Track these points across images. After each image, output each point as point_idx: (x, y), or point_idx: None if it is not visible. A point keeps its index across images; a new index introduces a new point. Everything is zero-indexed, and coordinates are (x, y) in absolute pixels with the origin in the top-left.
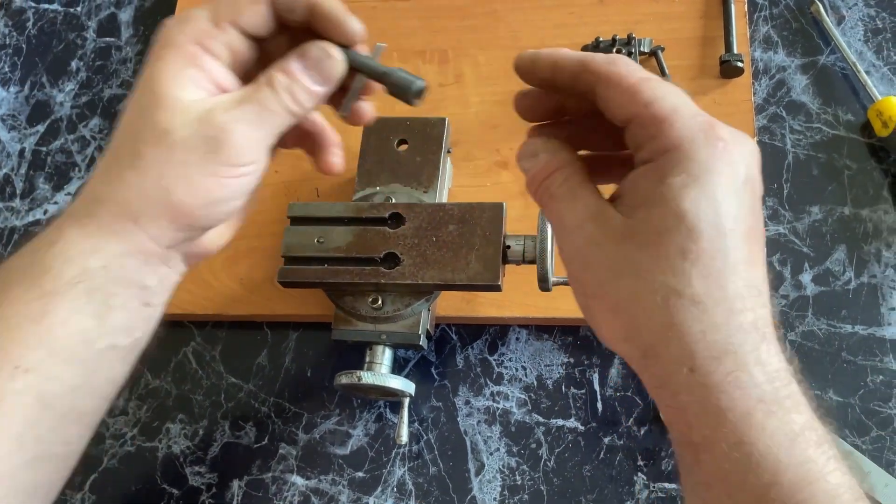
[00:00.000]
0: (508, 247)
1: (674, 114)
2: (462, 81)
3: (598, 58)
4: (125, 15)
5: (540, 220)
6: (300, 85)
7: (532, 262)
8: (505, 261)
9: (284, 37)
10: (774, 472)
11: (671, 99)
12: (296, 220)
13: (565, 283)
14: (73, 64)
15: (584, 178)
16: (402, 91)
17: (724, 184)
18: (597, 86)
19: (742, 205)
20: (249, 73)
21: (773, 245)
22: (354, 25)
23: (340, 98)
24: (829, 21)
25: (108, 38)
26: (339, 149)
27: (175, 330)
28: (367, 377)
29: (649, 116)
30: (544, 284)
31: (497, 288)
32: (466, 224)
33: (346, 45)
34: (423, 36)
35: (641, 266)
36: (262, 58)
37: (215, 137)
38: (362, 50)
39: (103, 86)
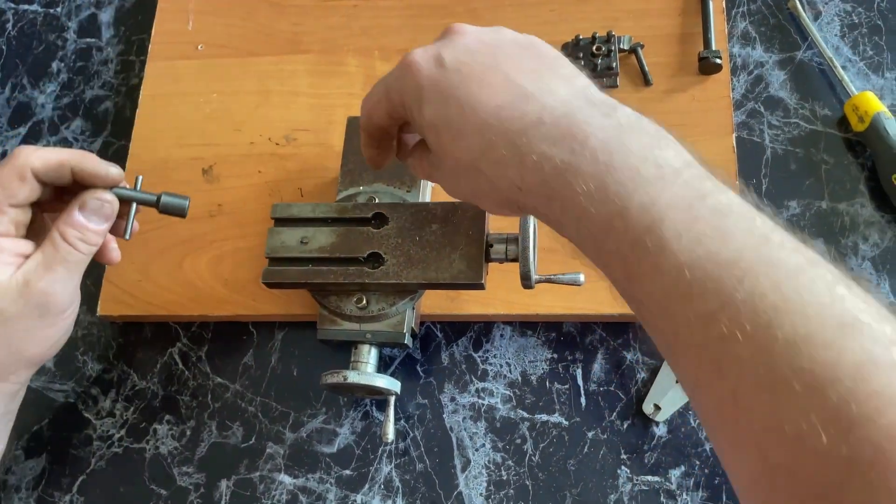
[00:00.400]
0: (491, 246)
1: (387, 87)
2: None
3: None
4: (105, 15)
5: (522, 220)
6: (89, 231)
7: (515, 260)
8: (488, 259)
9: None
10: (620, 212)
11: (382, 81)
12: (279, 221)
13: (548, 281)
14: (54, 65)
15: (424, 148)
16: (176, 213)
17: (435, 78)
18: (368, 126)
19: (463, 66)
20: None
21: None
22: (114, 172)
23: (121, 224)
24: (805, 17)
25: (88, 39)
26: (116, 243)
27: (161, 331)
28: (352, 376)
29: (386, 108)
30: (527, 282)
31: (480, 286)
32: (449, 224)
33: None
34: (406, 34)
35: (456, 169)
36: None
37: (41, 303)
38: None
39: (84, 87)
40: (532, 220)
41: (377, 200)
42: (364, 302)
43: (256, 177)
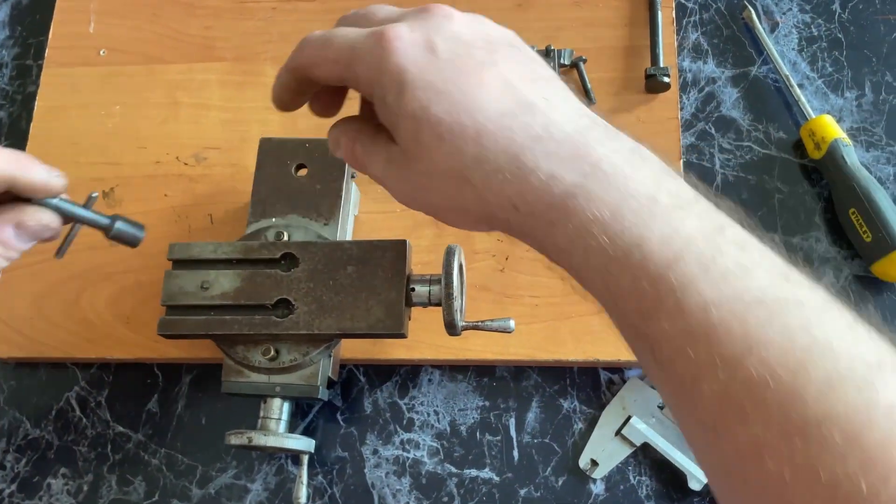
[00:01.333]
0: (413, 289)
1: (353, 52)
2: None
3: (292, 54)
4: (0, 13)
5: (445, 258)
6: (14, 249)
7: (439, 304)
8: (409, 304)
9: None
10: (609, 244)
11: (347, 41)
12: (177, 263)
13: (476, 328)
14: None
15: (374, 134)
16: (127, 243)
17: (424, 65)
18: (308, 76)
19: (459, 59)
20: None
21: None
22: (56, 183)
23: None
24: (761, 29)
25: None
26: None
27: (57, 373)
28: (258, 438)
29: (343, 71)
30: (452, 331)
31: (401, 335)
32: (367, 265)
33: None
34: None
35: (430, 171)
36: None
37: None
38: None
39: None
40: (457, 258)
41: (287, 237)
42: (273, 353)
43: (162, 201)
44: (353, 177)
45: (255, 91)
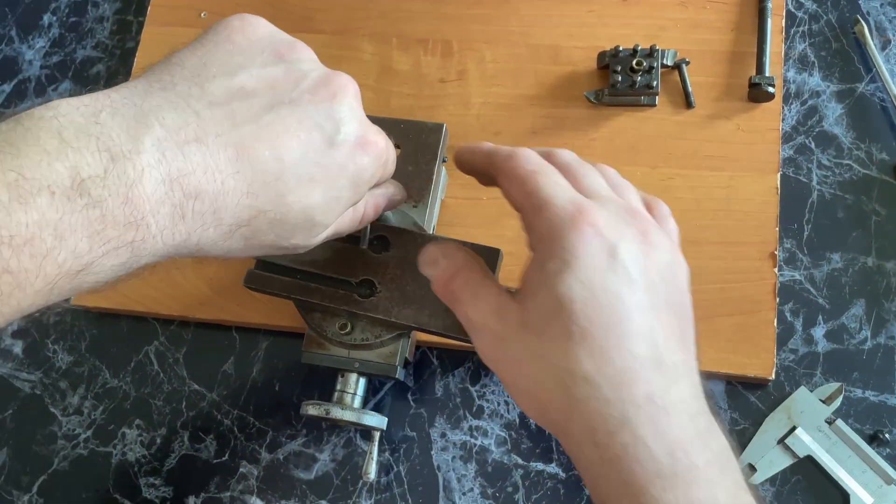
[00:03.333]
0: None
1: (547, 203)
2: (465, 79)
3: (502, 151)
4: None
5: None
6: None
7: None
8: None
9: None
10: None
11: (549, 189)
12: None
13: None
14: (46, 18)
15: (483, 276)
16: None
17: (596, 264)
18: (497, 177)
19: (622, 281)
20: None
21: (787, 293)
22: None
23: None
24: (872, 45)
25: None
26: None
27: (138, 326)
28: (335, 412)
29: (529, 206)
30: None
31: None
32: None
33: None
34: (429, 22)
35: (538, 352)
36: None
37: None
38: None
39: (76, 46)
40: None
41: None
42: (349, 328)
43: None
44: (444, 161)
45: (351, 66)
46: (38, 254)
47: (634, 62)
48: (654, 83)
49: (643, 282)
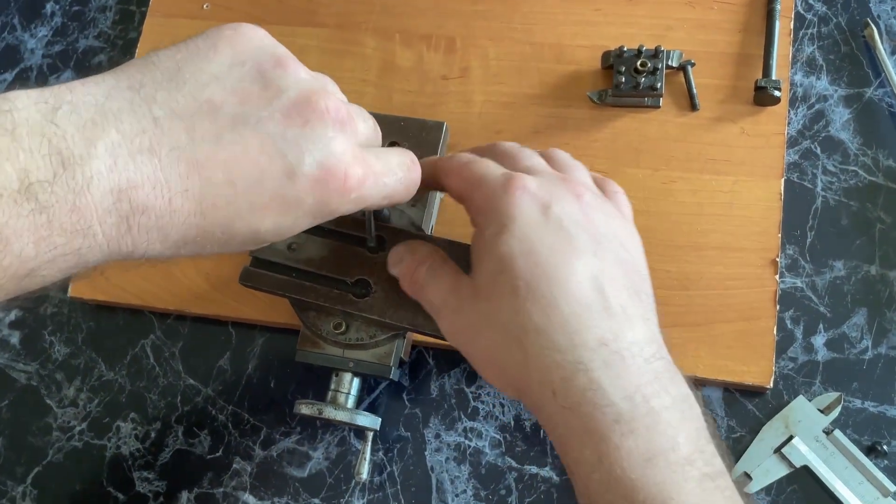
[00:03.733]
0: None
1: (482, 179)
2: (468, 76)
3: (443, 157)
4: None
5: None
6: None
7: None
8: None
9: None
10: (630, 490)
11: (483, 169)
12: None
13: None
14: (49, 7)
15: (443, 261)
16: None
17: (529, 221)
18: (441, 179)
19: (558, 233)
20: None
21: (788, 300)
22: None
23: None
24: (882, 49)
25: None
26: None
27: (135, 319)
28: (328, 412)
29: (467, 189)
30: None
31: None
32: None
33: None
34: (432, 18)
35: (490, 316)
36: None
37: None
38: None
39: (79, 35)
40: None
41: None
42: (343, 328)
43: None
44: None
45: (354, 61)
46: None
47: (639, 63)
48: (659, 85)
49: (583, 235)
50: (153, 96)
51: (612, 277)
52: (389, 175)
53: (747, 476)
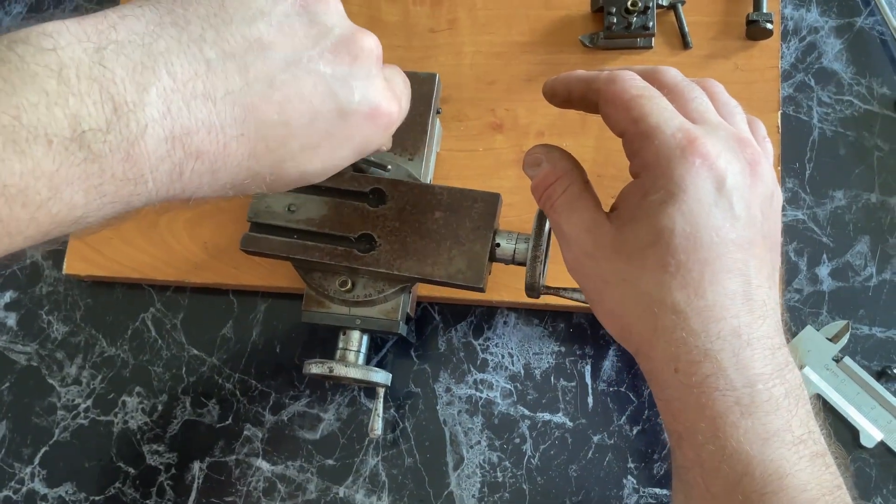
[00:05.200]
0: (498, 245)
1: (655, 130)
2: (456, 28)
3: (601, 76)
4: None
5: (537, 220)
6: None
7: (522, 264)
8: (492, 259)
9: None
10: (746, 464)
11: (657, 115)
12: None
13: (556, 294)
14: None
15: (582, 188)
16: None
17: (701, 199)
18: (598, 103)
19: (726, 216)
20: None
21: (790, 232)
22: None
23: None
24: None
25: None
26: None
27: (133, 293)
28: (338, 369)
29: (635, 133)
30: (532, 293)
31: (480, 289)
32: (455, 213)
33: None
34: None
35: (629, 277)
36: None
37: None
38: None
39: (55, 10)
40: (548, 225)
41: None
42: (349, 285)
43: None
44: (437, 112)
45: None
46: (32, 204)
47: (629, 3)
48: (651, 24)
49: (745, 217)
50: (201, 35)
51: (761, 265)
52: (405, 100)
53: None
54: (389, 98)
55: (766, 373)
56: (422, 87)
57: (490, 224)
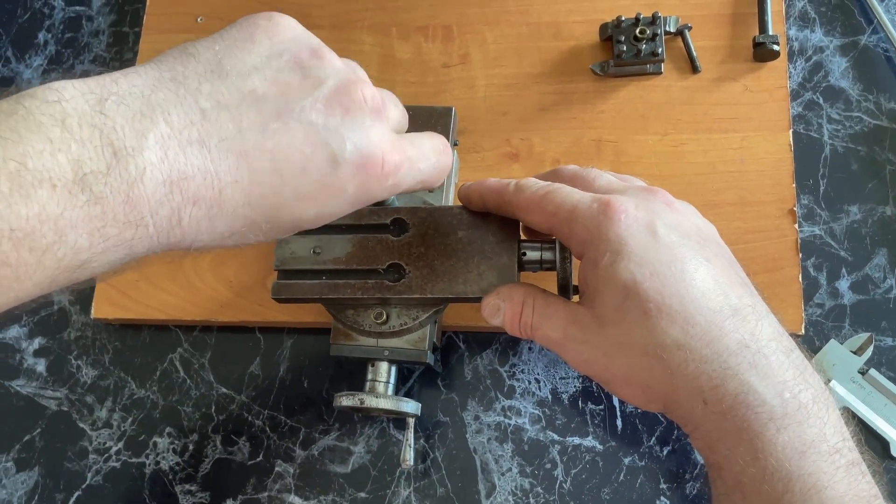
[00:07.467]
0: (524, 253)
1: (575, 211)
2: (468, 62)
3: (509, 189)
4: None
5: None
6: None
7: (551, 269)
8: (521, 269)
9: None
10: (787, 482)
11: (570, 200)
12: None
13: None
14: (41, 36)
15: (545, 298)
16: None
17: (641, 243)
18: (514, 213)
19: (670, 247)
20: None
21: (808, 248)
22: None
23: None
24: None
25: (77, 7)
26: None
27: (160, 334)
28: (369, 400)
29: (559, 222)
30: (565, 293)
31: None
32: (477, 230)
33: None
34: (426, 9)
35: (623, 339)
36: None
37: None
38: None
39: (74, 61)
40: None
41: (395, 203)
42: (384, 317)
43: None
44: (455, 144)
45: (353, 59)
46: (38, 248)
47: (638, 31)
48: (660, 50)
49: (690, 243)
50: (197, 88)
51: (728, 277)
52: (423, 160)
53: None
54: (387, 148)
55: (788, 378)
56: (439, 121)
57: (513, 235)
